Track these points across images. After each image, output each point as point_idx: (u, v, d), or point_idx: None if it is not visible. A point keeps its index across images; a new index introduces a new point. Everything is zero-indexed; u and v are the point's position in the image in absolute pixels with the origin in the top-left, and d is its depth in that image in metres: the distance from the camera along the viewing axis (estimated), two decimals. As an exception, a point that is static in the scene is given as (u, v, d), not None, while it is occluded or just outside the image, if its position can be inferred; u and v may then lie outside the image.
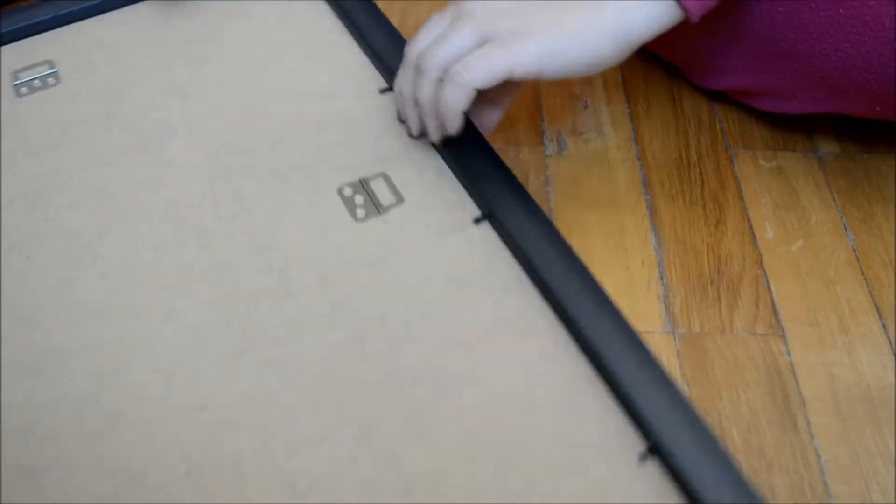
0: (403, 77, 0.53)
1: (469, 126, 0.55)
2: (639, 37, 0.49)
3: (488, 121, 0.58)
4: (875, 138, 0.67)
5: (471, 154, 0.54)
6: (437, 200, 0.54)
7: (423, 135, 0.56)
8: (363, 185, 0.55)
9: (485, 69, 0.47)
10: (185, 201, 0.55)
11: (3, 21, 0.69)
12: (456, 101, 0.49)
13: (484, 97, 0.57)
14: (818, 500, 0.45)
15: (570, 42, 0.48)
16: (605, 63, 0.49)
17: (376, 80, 0.62)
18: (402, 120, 0.58)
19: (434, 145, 0.56)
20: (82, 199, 0.56)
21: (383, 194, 0.54)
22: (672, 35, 0.61)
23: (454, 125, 0.51)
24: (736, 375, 0.51)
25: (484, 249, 0.51)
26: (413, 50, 0.52)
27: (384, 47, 0.62)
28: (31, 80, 0.64)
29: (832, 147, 0.66)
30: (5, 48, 0.68)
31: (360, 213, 0.53)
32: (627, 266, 0.57)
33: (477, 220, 0.52)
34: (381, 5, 0.78)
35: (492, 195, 0.52)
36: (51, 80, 0.63)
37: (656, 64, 0.72)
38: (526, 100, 0.70)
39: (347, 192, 0.54)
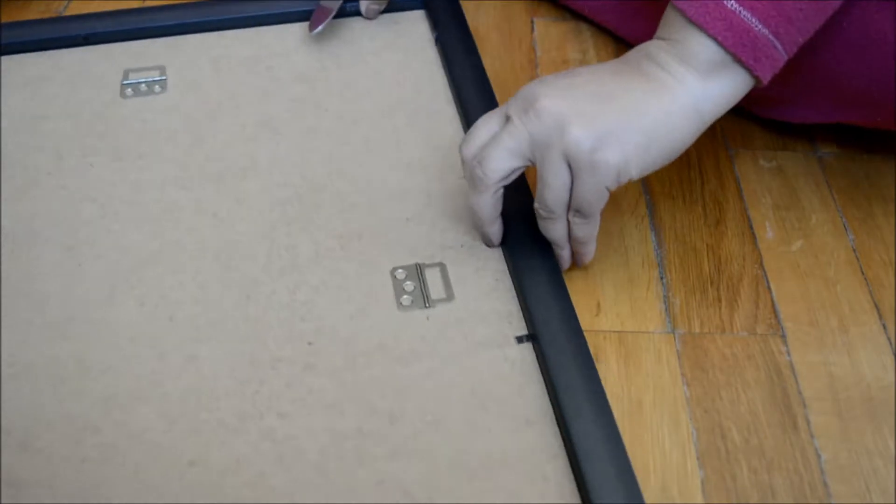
0: (482, 199, 0.48)
1: (541, 237, 0.51)
2: (712, 116, 0.46)
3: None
4: (875, 139, 0.63)
5: (534, 268, 0.50)
6: (487, 308, 0.50)
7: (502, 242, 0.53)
8: (418, 272, 0.51)
9: (599, 201, 0.45)
10: (242, 246, 0.53)
11: (123, 19, 0.67)
12: (591, 234, 0.48)
13: None
14: (818, 500, 0.43)
15: (650, 141, 0.44)
16: (683, 149, 0.46)
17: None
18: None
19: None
20: (148, 218, 0.54)
21: (435, 286, 0.51)
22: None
23: (591, 252, 0.50)
24: (736, 375, 0.49)
25: (518, 372, 0.47)
26: (491, 178, 0.47)
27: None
28: (139, 83, 0.63)
29: (832, 147, 0.63)
30: (123, 45, 0.66)
31: (406, 300, 0.50)
32: (627, 266, 0.55)
33: (520, 339, 0.48)
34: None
35: (542, 318, 0.48)
36: (157, 88, 0.63)
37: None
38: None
39: (400, 274, 0.51)
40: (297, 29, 0.68)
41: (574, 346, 0.46)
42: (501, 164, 0.46)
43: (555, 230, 0.48)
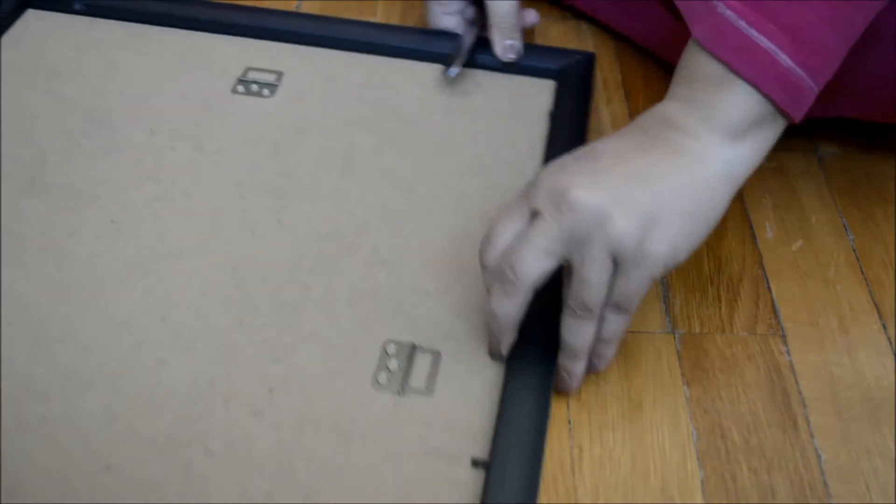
0: (510, 305, 0.42)
1: (546, 357, 0.46)
2: (745, 177, 0.42)
3: None
4: (875, 139, 0.62)
5: (525, 391, 0.45)
6: (460, 417, 0.44)
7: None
8: (410, 353, 0.47)
9: (642, 293, 0.41)
10: (261, 268, 0.50)
11: (269, 18, 0.65)
12: (621, 332, 0.43)
13: None
14: (818, 500, 0.42)
15: (694, 221, 0.40)
16: (721, 217, 0.42)
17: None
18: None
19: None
20: (195, 214, 0.53)
21: (419, 375, 0.46)
22: (672, 37, 0.61)
23: (612, 354, 0.44)
24: (736, 375, 0.47)
25: (454, 498, 0.42)
26: (525, 282, 0.41)
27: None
28: (252, 82, 0.62)
29: (832, 147, 0.61)
30: (257, 42, 0.65)
31: (383, 378, 0.46)
32: (627, 266, 0.57)
33: (475, 463, 0.43)
34: (379, 6, 0.77)
35: (503, 451, 0.42)
36: (266, 91, 0.61)
37: (656, 64, 0.67)
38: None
39: (391, 349, 0.47)
40: (420, 67, 0.64)
41: (523, 494, 0.41)
42: (536, 267, 0.40)
43: (585, 332, 0.42)
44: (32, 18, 0.67)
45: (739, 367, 0.48)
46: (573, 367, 0.44)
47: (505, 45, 0.61)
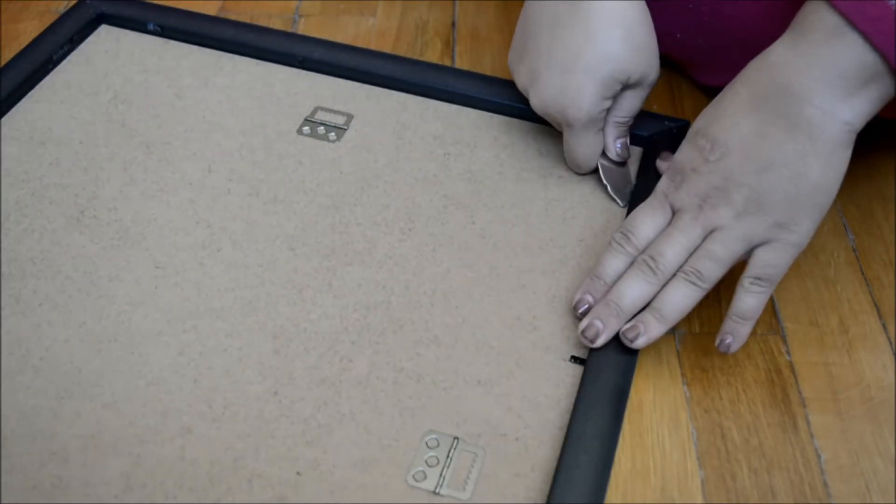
0: (642, 285, 0.44)
1: (599, 478, 0.41)
2: (862, 126, 0.42)
3: None
4: (875, 138, 0.66)
5: None
6: None
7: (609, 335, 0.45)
8: (450, 447, 0.41)
9: (785, 269, 0.44)
10: (304, 335, 0.46)
11: (345, 55, 0.60)
12: (762, 305, 0.44)
13: None
14: (818, 500, 0.40)
15: (825, 197, 0.43)
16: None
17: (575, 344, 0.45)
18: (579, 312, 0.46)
19: None
20: (242, 266, 0.49)
21: (458, 473, 0.40)
22: (672, 31, 0.61)
23: (747, 334, 0.44)
24: (736, 375, 0.45)
25: None
26: (667, 268, 0.44)
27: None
28: (320, 124, 0.56)
29: None
30: (331, 79, 0.59)
31: (418, 475, 0.40)
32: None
33: None
34: (380, 6, 0.76)
35: None
36: (332, 136, 0.55)
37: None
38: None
39: (432, 441, 0.41)
40: (499, 121, 0.58)
41: None
42: (676, 261, 0.44)
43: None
44: (105, 35, 0.61)
45: (739, 367, 0.47)
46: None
47: (619, 143, 0.55)
